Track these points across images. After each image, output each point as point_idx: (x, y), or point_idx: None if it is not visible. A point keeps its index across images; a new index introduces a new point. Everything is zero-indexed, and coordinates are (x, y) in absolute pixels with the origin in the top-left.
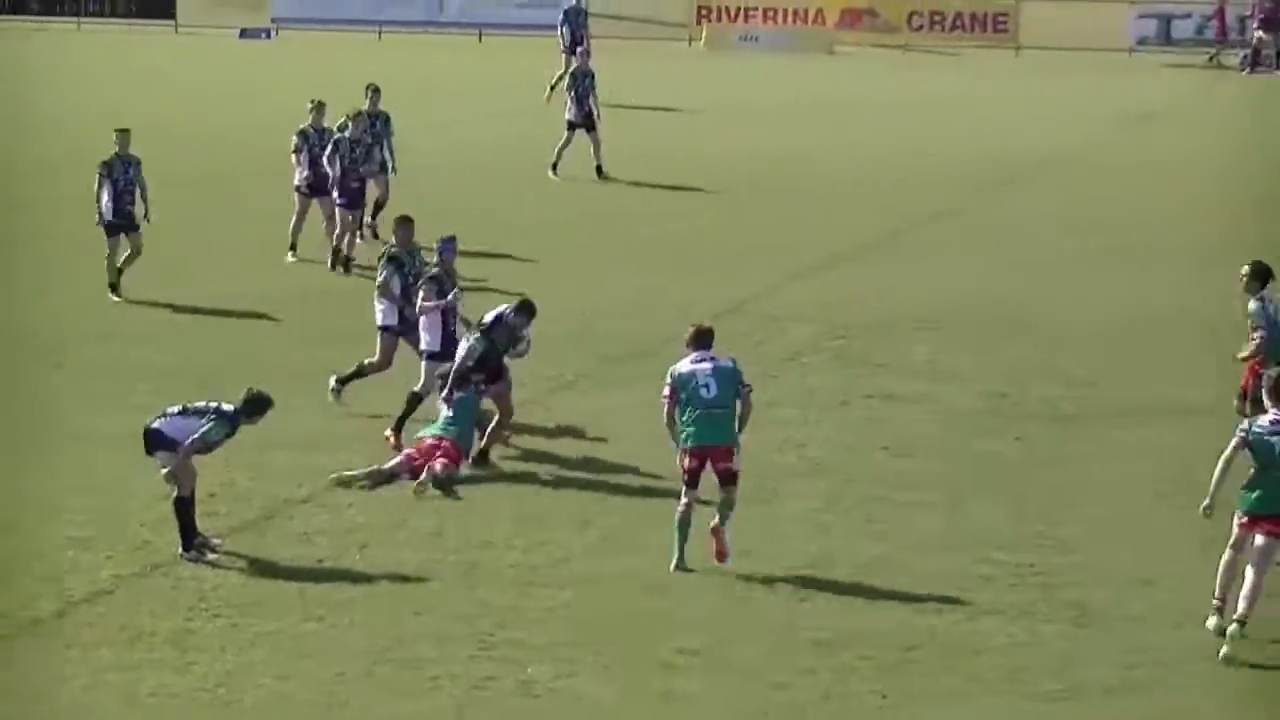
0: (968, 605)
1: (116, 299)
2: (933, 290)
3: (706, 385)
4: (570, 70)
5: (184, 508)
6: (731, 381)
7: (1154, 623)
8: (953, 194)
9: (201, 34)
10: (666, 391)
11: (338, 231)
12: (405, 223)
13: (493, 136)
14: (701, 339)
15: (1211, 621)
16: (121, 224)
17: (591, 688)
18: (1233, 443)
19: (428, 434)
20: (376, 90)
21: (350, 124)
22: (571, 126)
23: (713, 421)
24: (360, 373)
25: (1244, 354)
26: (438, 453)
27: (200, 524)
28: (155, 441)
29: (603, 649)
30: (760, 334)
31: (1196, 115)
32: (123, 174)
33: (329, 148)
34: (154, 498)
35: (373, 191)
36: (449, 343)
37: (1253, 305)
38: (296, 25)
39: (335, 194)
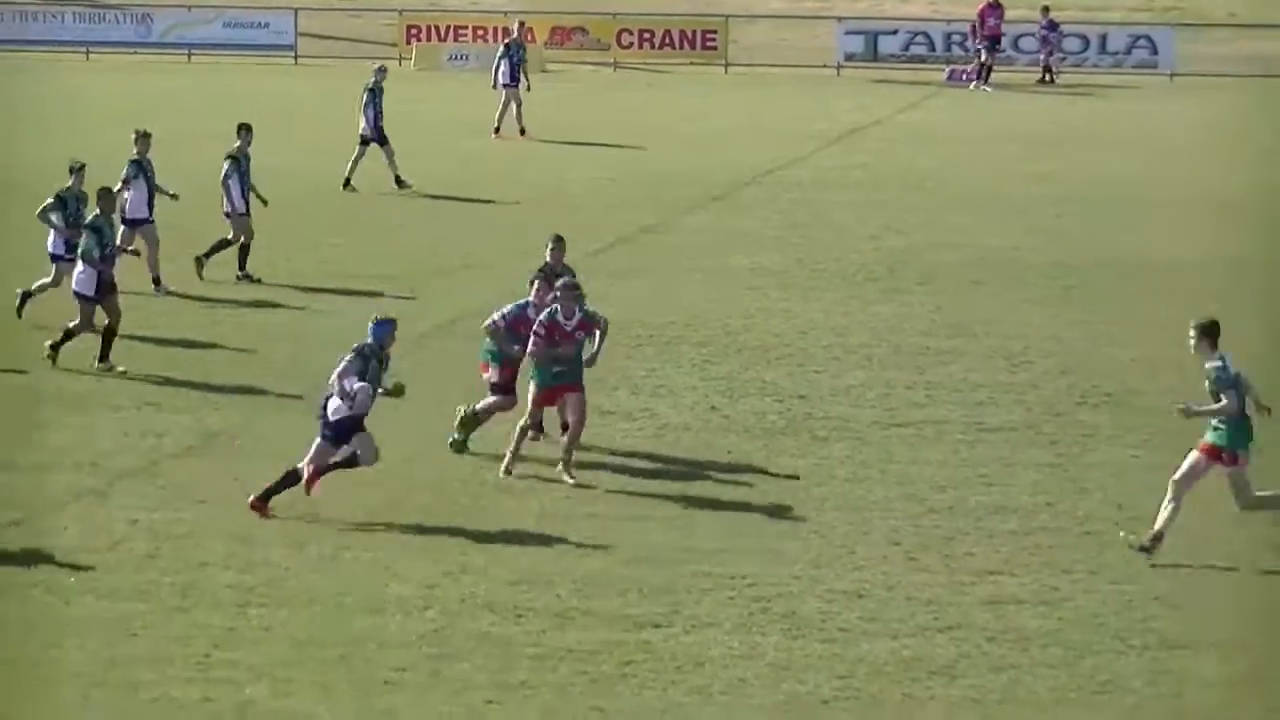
0: (685, 618)
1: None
2: (646, 307)
3: None
4: (368, 86)
5: None
6: None
7: (866, 634)
8: (663, 211)
9: None
10: None
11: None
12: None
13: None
14: None
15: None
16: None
17: (310, 707)
18: None
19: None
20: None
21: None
22: (364, 141)
23: None
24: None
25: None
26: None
27: None
28: None
29: (320, 668)
30: (474, 352)
31: (902, 130)
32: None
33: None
34: None
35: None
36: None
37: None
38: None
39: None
